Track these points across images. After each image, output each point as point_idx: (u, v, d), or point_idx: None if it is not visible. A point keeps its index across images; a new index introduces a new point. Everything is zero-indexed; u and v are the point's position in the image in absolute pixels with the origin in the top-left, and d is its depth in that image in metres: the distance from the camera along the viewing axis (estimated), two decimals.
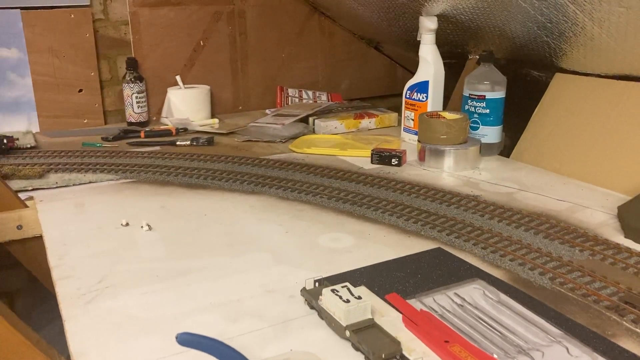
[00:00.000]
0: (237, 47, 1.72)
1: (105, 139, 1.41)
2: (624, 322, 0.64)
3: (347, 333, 0.59)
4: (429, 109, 1.34)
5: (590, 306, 0.68)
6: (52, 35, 1.48)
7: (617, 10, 0.98)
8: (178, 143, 1.38)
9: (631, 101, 1.09)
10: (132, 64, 1.55)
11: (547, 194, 1.04)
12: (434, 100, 1.34)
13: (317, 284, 0.68)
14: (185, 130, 1.50)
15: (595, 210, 0.96)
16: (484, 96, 1.25)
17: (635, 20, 0.97)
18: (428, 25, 1.31)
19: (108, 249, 0.84)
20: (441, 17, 1.33)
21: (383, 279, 0.73)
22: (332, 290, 0.63)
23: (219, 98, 1.72)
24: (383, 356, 0.55)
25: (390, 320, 0.63)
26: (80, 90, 1.54)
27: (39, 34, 1.46)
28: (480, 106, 1.26)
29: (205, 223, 0.93)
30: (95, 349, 0.60)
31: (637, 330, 0.63)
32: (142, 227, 0.90)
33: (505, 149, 1.32)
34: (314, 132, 1.50)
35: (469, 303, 0.68)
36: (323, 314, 0.64)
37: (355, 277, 0.74)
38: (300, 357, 0.58)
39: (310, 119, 1.53)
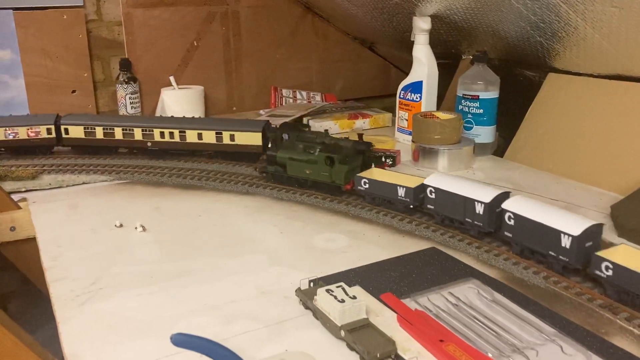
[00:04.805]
0: (231, 48, 1.72)
1: None
2: (618, 320, 0.65)
3: (342, 333, 0.59)
4: (422, 109, 1.34)
5: (584, 304, 0.68)
6: (45, 36, 1.47)
7: (609, 10, 0.98)
8: None
9: (624, 101, 1.09)
10: (126, 65, 1.55)
11: (540, 194, 1.04)
12: (427, 100, 1.35)
13: (311, 284, 0.68)
14: None
15: (588, 210, 0.97)
16: (478, 96, 1.25)
17: (628, 20, 0.98)
18: (421, 26, 1.31)
19: (102, 250, 0.83)
20: (435, 18, 1.33)
21: (378, 278, 0.74)
22: (327, 290, 0.63)
23: (212, 99, 1.72)
24: (378, 356, 0.56)
25: (385, 320, 0.63)
26: (74, 91, 1.54)
27: (32, 35, 1.46)
28: (473, 106, 1.26)
29: (199, 224, 0.93)
30: (90, 351, 0.60)
31: (631, 328, 0.63)
32: (136, 228, 0.90)
33: (499, 149, 1.32)
34: None
35: (463, 302, 0.68)
36: (318, 314, 0.64)
37: (350, 277, 0.74)
38: (295, 358, 0.58)
39: (305, 120, 1.53)
